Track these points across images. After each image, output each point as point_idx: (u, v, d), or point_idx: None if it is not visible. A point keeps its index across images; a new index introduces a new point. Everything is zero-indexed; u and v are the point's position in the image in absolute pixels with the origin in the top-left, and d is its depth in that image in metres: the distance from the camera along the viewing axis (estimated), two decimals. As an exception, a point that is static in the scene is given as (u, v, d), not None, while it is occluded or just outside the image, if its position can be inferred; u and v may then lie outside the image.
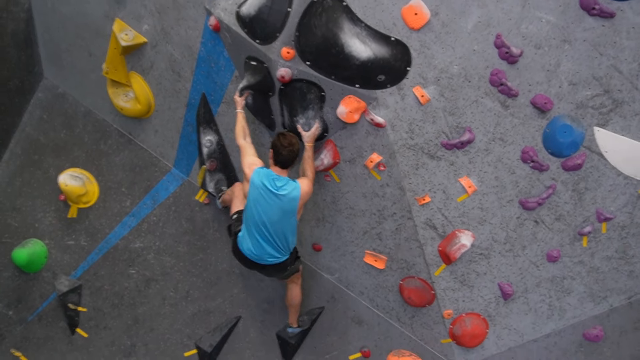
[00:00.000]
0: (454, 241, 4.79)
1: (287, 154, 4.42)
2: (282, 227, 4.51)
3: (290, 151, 4.42)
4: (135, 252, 5.99)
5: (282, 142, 4.42)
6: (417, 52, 4.29)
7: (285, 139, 4.43)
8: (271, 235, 4.51)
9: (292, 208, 4.46)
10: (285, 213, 4.45)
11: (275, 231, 4.50)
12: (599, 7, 3.99)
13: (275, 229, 4.49)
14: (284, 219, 4.48)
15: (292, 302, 5.30)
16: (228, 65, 4.99)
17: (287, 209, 4.45)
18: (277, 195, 4.39)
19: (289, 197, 4.41)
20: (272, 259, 4.65)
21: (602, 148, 4.40)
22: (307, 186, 4.51)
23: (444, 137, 4.51)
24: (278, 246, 4.58)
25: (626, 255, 4.74)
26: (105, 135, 6.07)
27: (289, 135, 4.47)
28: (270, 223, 4.46)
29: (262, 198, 4.41)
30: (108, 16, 5.45)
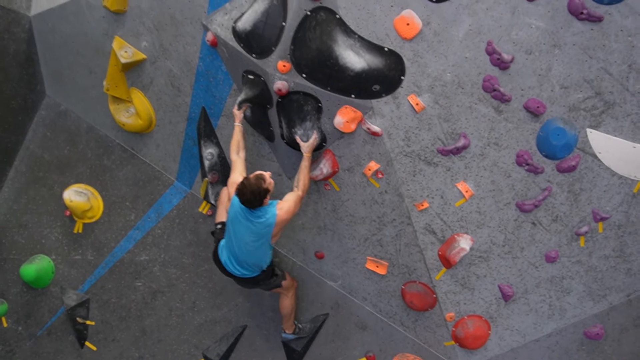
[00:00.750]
0: (453, 245, 4.86)
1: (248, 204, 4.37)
2: (253, 250, 4.58)
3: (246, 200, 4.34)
4: (141, 265, 6.07)
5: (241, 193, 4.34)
6: (410, 61, 4.37)
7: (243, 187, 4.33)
8: (242, 255, 4.61)
9: (265, 233, 4.51)
10: (258, 237, 4.52)
11: (247, 252, 4.58)
12: (587, 12, 4.06)
13: (246, 249, 4.57)
14: (256, 242, 4.54)
15: (282, 311, 5.39)
16: (226, 79, 5.08)
17: (261, 234, 4.50)
18: (252, 222, 4.45)
19: (264, 224, 4.46)
20: (242, 274, 4.76)
21: (596, 149, 4.47)
22: (287, 208, 4.50)
23: (439, 144, 4.59)
24: (248, 265, 4.68)
25: (623, 254, 4.80)
26: (108, 151, 6.16)
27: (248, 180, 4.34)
28: (242, 244, 4.54)
29: (237, 220, 4.49)
30: (107, 34, 5.54)
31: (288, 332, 5.56)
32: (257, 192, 4.30)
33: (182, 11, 5.02)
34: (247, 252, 4.59)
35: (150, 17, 5.23)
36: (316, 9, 4.35)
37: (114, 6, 5.28)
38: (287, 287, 5.19)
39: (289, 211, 4.51)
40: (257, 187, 4.29)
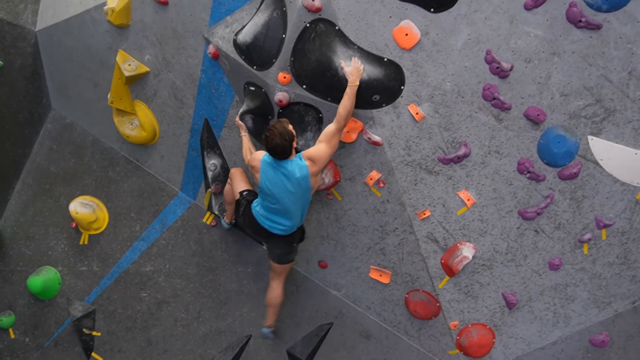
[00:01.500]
0: (455, 253, 4.86)
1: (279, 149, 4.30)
2: (297, 203, 4.56)
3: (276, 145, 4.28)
4: (146, 276, 6.10)
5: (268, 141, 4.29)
6: (410, 71, 4.39)
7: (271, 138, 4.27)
8: (290, 205, 4.54)
9: (305, 186, 4.47)
10: (299, 190, 4.47)
11: (291, 207, 4.55)
12: (586, 20, 4.07)
13: (293, 198, 4.51)
14: (298, 195, 4.50)
15: (272, 301, 5.31)
16: (228, 91, 5.13)
17: (302, 187, 4.46)
18: (288, 177, 4.40)
19: (299, 178, 4.40)
20: (283, 230, 4.72)
21: (597, 156, 4.47)
22: (316, 154, 4.40)
23: (440, 153, 4.60)
24: (292, 219, 4.66)
25: (628, 261, 4.79)
26: (113, 163, 6.22)
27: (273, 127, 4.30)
28: (287, 194, 4.48)
29: (274, 181, 4.44)
30: (111, 48, 5.61)
31: (271, 328, 5.48)
32: (285, 134, 4.25)
33: (184, 24, 5.07)
34: (294, 207, 4.57)
35: (153, 30, 5.29)
36: (315, 21, 4.39)
37: (118, 20, 5.34)
38: (287, 270, 5.23)
39: (319, 156, 4.40)
40: (283, 128, 4.27)
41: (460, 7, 4.19)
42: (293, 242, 4.95)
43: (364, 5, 4.30)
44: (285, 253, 5.01)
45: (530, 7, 4.12)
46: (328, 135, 4.39)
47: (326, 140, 4.39)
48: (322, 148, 4.40)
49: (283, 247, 4.96)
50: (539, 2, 4.10)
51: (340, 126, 4.37)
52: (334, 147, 4.43)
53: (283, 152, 4.32)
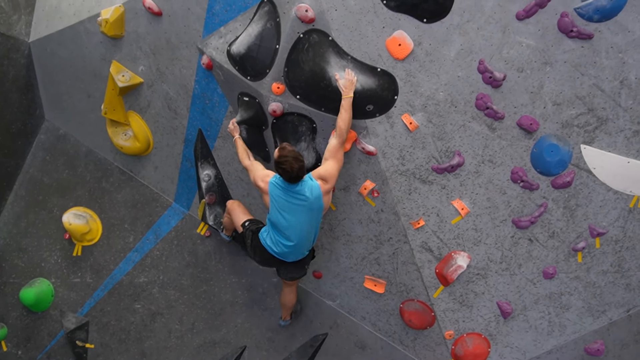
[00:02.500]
0: (450, 263, 4.86)
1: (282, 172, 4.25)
2: (310, 227, 4.50)
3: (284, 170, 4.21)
4: (140, 287, 6.08)
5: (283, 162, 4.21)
6: (403, 81, 4.41)
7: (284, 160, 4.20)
8: (303, 235, 4.49)
9: (319, 206, 4.41)
10: (313, 212, 4.41)
11: (307, 231, 4.49)
12: (577, 29, 4.11)
13: (307, 228, 4.47)
14: (312, 218, 4.45)
15: (287, 304, 5.37)
16: (222, 102, 5.13)
17: (315, 208, 4.40)
18: (300, 199, 4.34)
19: (313, 199, 4.34)
20: (296, 258, 4.68)
21: (590, 165, 4.49)
22: (325, 172, 4.38)
23: (434, 162, 4.61)
24: (306, 244, 4.60)
25: (622, 269, 4.80)
26: (106, 174, 6.21)
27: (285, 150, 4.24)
28: (300, 224, 4.43)
29: (288, 204, 4.37)
30: (105, 59, 5.61)
31: (287, 319, 5.61)
32: (297, 157, 4.21)
33: (178, 35, 5.08)
34: (307, 231, 4.49)
35: (146, 41, 5.29)
36: (309, 32, 4.40)
37: (112, 31, 5.35)
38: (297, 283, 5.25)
39: (329, 174, 4.39)
40: (294, 151, 4.24)
41: (453, 17, 4.22)
42: (305, 265, 4.89)
43: (357, 16, 4.32)
44: (297, 275, 4.96)
45: (522, 17, 4.15)
46: (332, 151, 4.40)
47: (332, 156, 4.41)
48: (331, 165, 4.41)
49: (295, 271, 4.91)
50: (530, 12, 4.13)
51: (342, 140, 4.39)
52: (340, 161, 4.45)
53: (302, 175, 4.30)
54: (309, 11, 4.34)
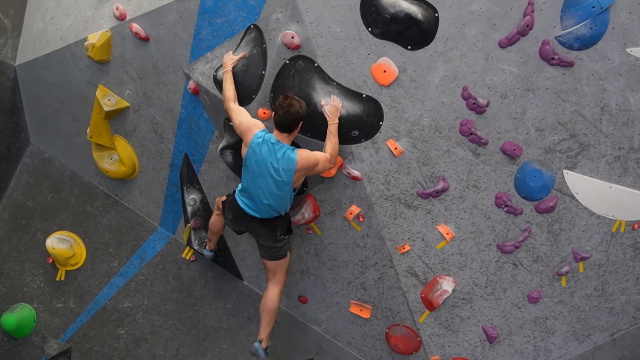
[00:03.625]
0: (435, 287, 4.87)
1: (283, 115, 4.23)
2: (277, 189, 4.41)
3: (286, 112, 4.22)
4: (124, 312, 6.01)
5: (281, 102, 4.24)
6: (388, 107, 4.46)
7: (285, 100, 4.23)
8: (265, 196, 4.43)
9: (287, 179, 4.35)
10: (279, 180, 4.36)
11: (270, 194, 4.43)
12: (558, 57, 4.19)
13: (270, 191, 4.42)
14: (279, 183, 4.37)
15: (264, 305, 4.90)
16: (208, 126, 5.14)
17: (283, 178, 4.35)
18: (273, 166, 4.31)
19: (285, 169, 4.31)
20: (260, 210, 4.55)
21: (573, 190, 4.54)
22: (308, 156, 4.35)
23: (419, 187, 4.64)
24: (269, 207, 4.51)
25: (605, 293, 4.83)
26: (91, 198, 6.17)
27: (291, 97, 4.26)
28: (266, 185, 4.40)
29: (260, 161, 4.34)
30: (91, 83, 5.62)
31: (263, 344, 4.90)
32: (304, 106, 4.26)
33: (165, 60, 5.11)
34: (270, 194, 4.42)
35: (133, 66, 5.31)
36: (295, 58, 4.45)
37: (98, 56, 5.36)
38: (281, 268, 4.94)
39: (308, 160, 4.34)
40: (298, 102, 4.25)
41: (437, 44, 4.29)
42: (276, 230, 4.69)
43: (342, 43, 4.38)
44: (272, 245, 4.74)
45: (504, 45, 4.23)
46: (321, 158, 4.38)
47: (321, 156, 4.38)
48: (317, 155, 4.37)
49: (267, 236, 4.70)
50: (512, 40, 4.21)
51: (333, 163, 4.45)
52: (322, 167, 4.41)
53: (294, 123, 4.28)
54: (295, 38, 4.39)
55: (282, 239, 4.77)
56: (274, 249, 4.78)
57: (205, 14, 4.76)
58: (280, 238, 4.75)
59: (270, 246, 4.77)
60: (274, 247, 4.77)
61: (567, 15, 4.12)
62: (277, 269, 4.90)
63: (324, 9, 4.37)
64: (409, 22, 4.23)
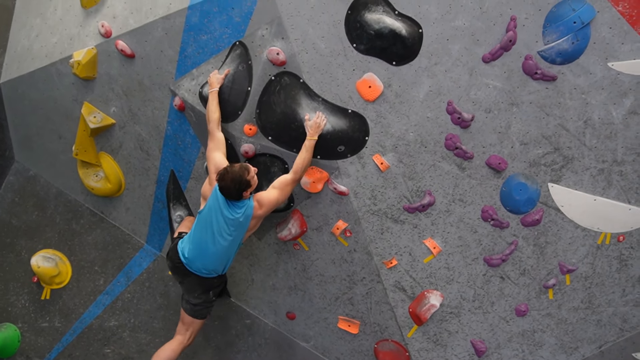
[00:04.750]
0: (423, 302, 4.87)
1: (221, 189, 4.26)
2: (227, 244, 4.43)
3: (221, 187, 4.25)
4: (110, 331, 5.95)
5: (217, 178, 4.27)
6: (373, 122, 4.48)
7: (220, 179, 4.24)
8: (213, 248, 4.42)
9: (243, 226, 4.40)
10: (235, 229, 4.38)
11: (220, 246, 4.42)
12: (541, 72, 4.23)
13: (220, 243, 4.41)
14: (231, 235, 4.40)
15: (161, 356, 4.79)
16: (194, 143, 5.14)
17: (239, 227, 4.38)
18: (230, 212, 4.32)
19: (243, 215, 4.35)
20: (201, 272, 4.56)
21: (558, 203, 4.56)
22: (266, 199, 4.39)
23: (405, 202, 4.65)
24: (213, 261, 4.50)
25: (592, 305, 4.85)
26: (77, 215, 6.12)
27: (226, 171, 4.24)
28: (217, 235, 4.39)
29: (216, 209, 4.35)
30: (77, 100, 5.60)
31: None
32: (237, 181, 4.19)
33: (151, 77, 5.11)
34: (219, 246, 4.41)
35: (119, 83, 5.30)
36: (280, 74, 4.47)
37: (84, 73, 5.35)
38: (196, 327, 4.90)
39: (269, 201, 4.38)
40: (239, 176, 4.19)
41: (421, 60, 4.32)
42: (210, 290, 4.74)
43: (327, 59, 4.40)
44: (200, 302, 4.76)
45: (488, 60, 4.27)
46: (282, 184, 4.41)
47: (280, 188, 4.42)
48: (274, 194, 4.42)
49: (199, 292, 4.71)
50: (496, 55, 4.25)
51: (297, 177, 4.42)
52: (285, 196, 4.47)
53: (229, 195, 4.26)
54: (280, 54, 4.41)
55: (212, 300, 4.82)
56: (200, 307, 4.81)
57: (191, 30, 4.78)
58: (211, 299, 4.80)
59: (196, 303, 4.79)
60: (200, 305, 4.80)
61: (549, 31, 4.16)
62: (192, 326, 4.90)
63: (308, 25, 4.40)
64: (393, 38, 4.26)
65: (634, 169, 4.41)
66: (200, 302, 4.77)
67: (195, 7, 4.71)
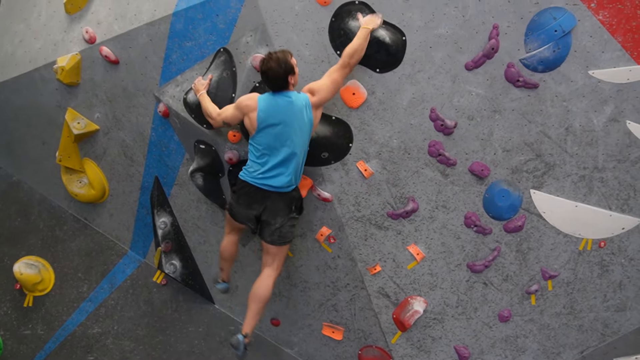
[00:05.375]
0: (407, 308, 4.88)
1: (266, 79, 4.14)
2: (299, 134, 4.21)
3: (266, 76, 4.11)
4: (93, 338, 5.90)
5: (260, 66, 4.13)
6: (357, 129, 4.50)
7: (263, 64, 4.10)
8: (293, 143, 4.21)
9: (308, 117, 4.19)
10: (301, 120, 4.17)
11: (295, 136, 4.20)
12: (523, 79, 4.27)
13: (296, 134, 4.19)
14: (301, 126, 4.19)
15: (259, 293, 4.51)
16: (179, 149, 5.13)
17: (303, 117, 4.18)
18: (289, 104, 4.14)
19: (300, 106, 4.15)
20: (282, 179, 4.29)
21: (540, 209, 4.60)
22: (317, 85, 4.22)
23: (389, 208, 4.67)
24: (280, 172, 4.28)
25: (574, 310, 4.89)
26: (60, 222, 6.08)
27: (269, 58, 4.08)
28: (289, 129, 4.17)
29: (275, 109, 4.15)
30: (60, 106, 5.58)
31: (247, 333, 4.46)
32: (283, 62, 4.04)
33: (135, 83, 5.10)
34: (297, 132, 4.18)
35: (103, 89, 5.29)
36: (265, 81, 4.48)
37: (68, 79, 5.33)
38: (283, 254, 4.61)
39: (319, 87, 4.21)
40: (284, 57, 4.05)
41: (405, 67, 4.35)
42: (292, 204, 4.46)
43: (311, 66, 4.42)
44: (284, 221, 4.43)
45: (471, 67, 4.31)
46: (330, 71, 4.25)
47: (327, 75, 4.26)
48: (323, 80, 4.24)
49: (284, 211, 4.42)
50: (478, 62, 4.29)
51: (344, 63, 4.20)
52: (335, 83, 4.22)
53: (275, 79, 4.10)
54: (264, 61, 4.42)
55: (294, 217, 4.54)
56: (284, 228, 4.47)
57: (176, 37, 4.78)
58: (293, 215, 4.52)
59: (282, 224, 4.45)
60: (285, 225, 4.47)
61: (530, 39, 4.21)
62: (278, 253, 4.57)
63: (293, 32, 4.42)
64: (377, 46, 4.29)
65: (614, 175, 4.47)
66: (284, 222, 4.45)
67: (179, 13, 4.71)
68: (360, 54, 4.23)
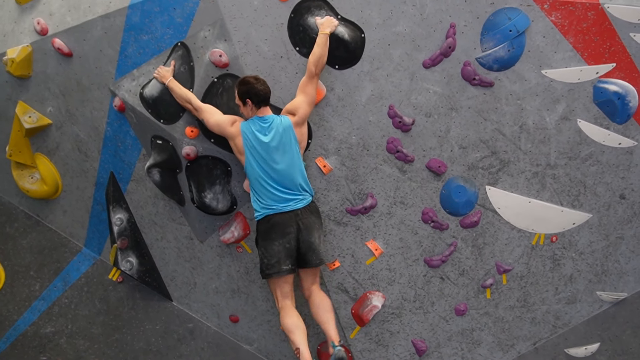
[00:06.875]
0: (365, 303, 4.92)
1: (262, 88, 4.20)
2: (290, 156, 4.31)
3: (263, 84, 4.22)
4: (46, 338, 5.76)
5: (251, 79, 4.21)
6: (316, 125, 4.50)
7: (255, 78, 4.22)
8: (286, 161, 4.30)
9: (291, 137, 4.29)
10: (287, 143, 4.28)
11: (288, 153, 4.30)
12: (479, 78, 4.36)
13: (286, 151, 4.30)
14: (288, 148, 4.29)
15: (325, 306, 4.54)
16: (135, 144, 5.04)
17: (287, 138, 4.28)
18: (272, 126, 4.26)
19: (282, 130, 4.26)
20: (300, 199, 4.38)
21: (495, 205, 4.71)
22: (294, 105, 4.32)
23: (348, 204, 4.70)
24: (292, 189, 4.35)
25: (527, 303, 5.02)
26: (11, 219, 5.89)
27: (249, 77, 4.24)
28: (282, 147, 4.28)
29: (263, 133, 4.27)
30: (11, 99, 5.40)
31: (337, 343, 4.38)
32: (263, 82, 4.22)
33: (89, 77, 4.98)
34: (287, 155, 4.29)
35: (55, 82, 5.15)
36: (223, 76, 4.44)
37: (18, 71, 5.17)
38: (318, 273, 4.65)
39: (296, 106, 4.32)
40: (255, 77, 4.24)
41: (364, 64, 4.38)
42: (319, 215, 4.51)
43: (270, 62, 4.40)
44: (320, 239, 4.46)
45: (428, 65, 4.37)
46: (301, 86, 4.31)
47: (300, 91, 4.31)
48: (297, 98, 4.31)
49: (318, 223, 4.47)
50: (436, 61, 4.35)
51: (311, 74, 4.26)
52: (310, 96, 4.30)
53: (263, 92, 4.21)
54: (222, 56, 4.39)
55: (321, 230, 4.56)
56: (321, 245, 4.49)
57: (132, 30, 4.69)
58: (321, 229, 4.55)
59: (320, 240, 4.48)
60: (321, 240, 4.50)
61: (486, 38, 4.29)
62: (317, 273, 4.65)
63: (251, 27, 4.39)
64: (336, 42, 4.30)
65: (565, 172, 4.60)
66: (320, 236, 4.49)
67: (136, 6, 4.63)
68: (323, 60, 4.29)
